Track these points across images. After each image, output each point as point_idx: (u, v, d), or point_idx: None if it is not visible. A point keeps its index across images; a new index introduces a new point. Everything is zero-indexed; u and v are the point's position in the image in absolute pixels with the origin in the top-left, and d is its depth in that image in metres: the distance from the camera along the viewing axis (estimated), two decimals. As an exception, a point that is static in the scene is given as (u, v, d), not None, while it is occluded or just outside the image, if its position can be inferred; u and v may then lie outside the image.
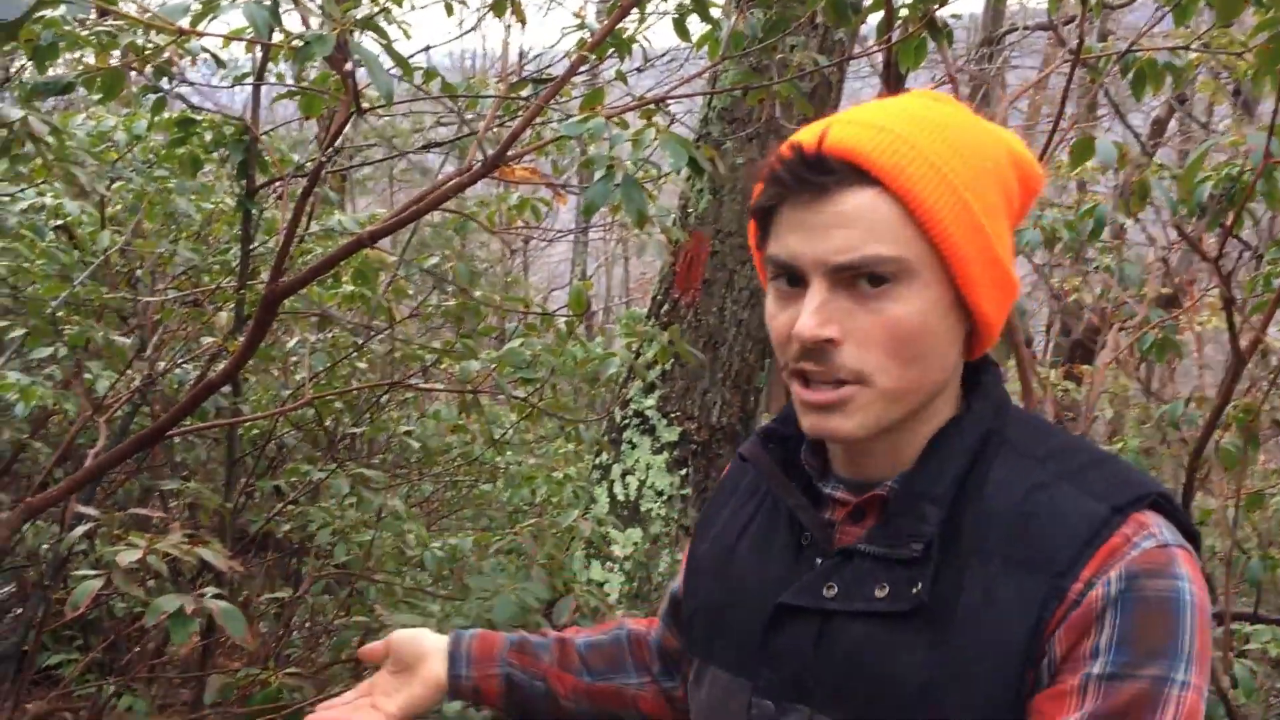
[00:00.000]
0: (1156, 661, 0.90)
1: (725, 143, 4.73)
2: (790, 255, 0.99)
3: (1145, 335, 3.19)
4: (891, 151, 0.97)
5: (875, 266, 0.96)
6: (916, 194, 0.96)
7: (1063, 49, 5.21)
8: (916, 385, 1.00)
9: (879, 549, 1.02)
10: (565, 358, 3.18)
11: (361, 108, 2.22)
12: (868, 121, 0.99)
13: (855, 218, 0.96)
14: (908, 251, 0.97)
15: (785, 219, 1.00)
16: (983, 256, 0.99)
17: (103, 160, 3.52)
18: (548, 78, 2.99)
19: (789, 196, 0.99)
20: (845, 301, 0.98)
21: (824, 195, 0.97)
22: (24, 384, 2.67)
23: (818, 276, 0.98)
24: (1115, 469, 1.01)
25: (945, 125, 1.01)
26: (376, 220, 3.41)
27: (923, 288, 0.98)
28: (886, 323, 0.97)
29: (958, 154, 0.99)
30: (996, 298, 1.02)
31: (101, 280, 3.34)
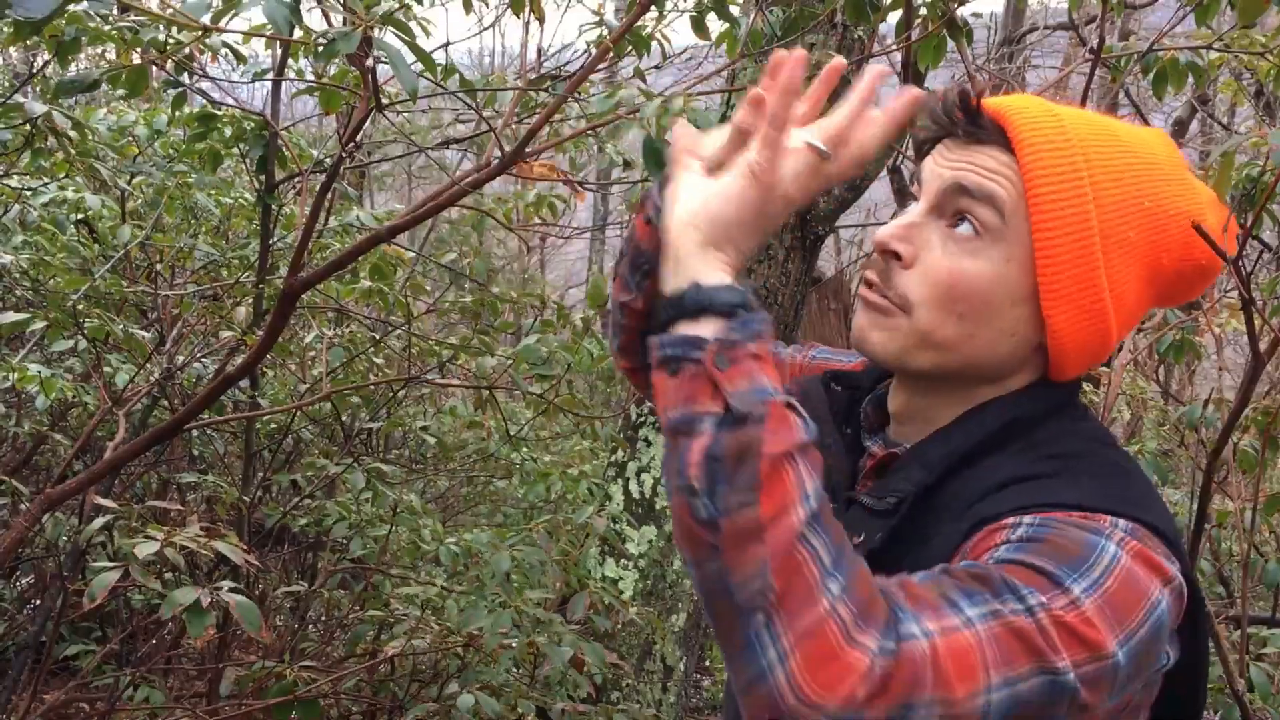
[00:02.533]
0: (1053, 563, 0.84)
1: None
2: (924, 169, 1.05)
3: (1164, 337, 3.17)
4: (1041, 134, 1.00)
5: (980, 202, 0.99)
6: (1037, 177, 0.98)
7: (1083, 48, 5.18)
8: (951, 343, 1.01)
9: (868, 500, 1.04)
10: (581, 354, 3.18)
11: (381, 104, 2.23)
12: (1045, 105, 1.03)
13: (987, 166, 1.01)
14: (1011, 215, 0.99)
15: (937, 150, 1.06)
16: (1079, 274, 0.98)
17: (123, 155, 3.54)
18: (566, 74, 3.00)
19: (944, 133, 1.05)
20: (932, 234, 1.02)
21: (969, 140, 1.02)
22: (45, 376, 2.69)
23: (928, 196, 1.03)
24: (1128, 486, 0.98)
25: (1130, 149, 1.02)
26: (395, 216, 3.42)
27: (1002, 260, 0.99)
28: (951, 268, 1.00)
29: (1116, 176, 1.00)
30: (1079, 323, 1.00)
31: (121, 274, 3.36)
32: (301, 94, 2.80)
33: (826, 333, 6.34)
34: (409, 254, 3.89)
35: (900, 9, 2.70)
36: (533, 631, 2.71)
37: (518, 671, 2.98)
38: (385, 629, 3.13)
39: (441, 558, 3.19)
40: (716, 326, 0.84)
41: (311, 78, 3.17)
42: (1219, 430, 2.36)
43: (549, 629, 2.75)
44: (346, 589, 3.59)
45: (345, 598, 3.48)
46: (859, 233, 9.96)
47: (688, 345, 0.83)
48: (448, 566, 3.25)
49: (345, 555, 3.35)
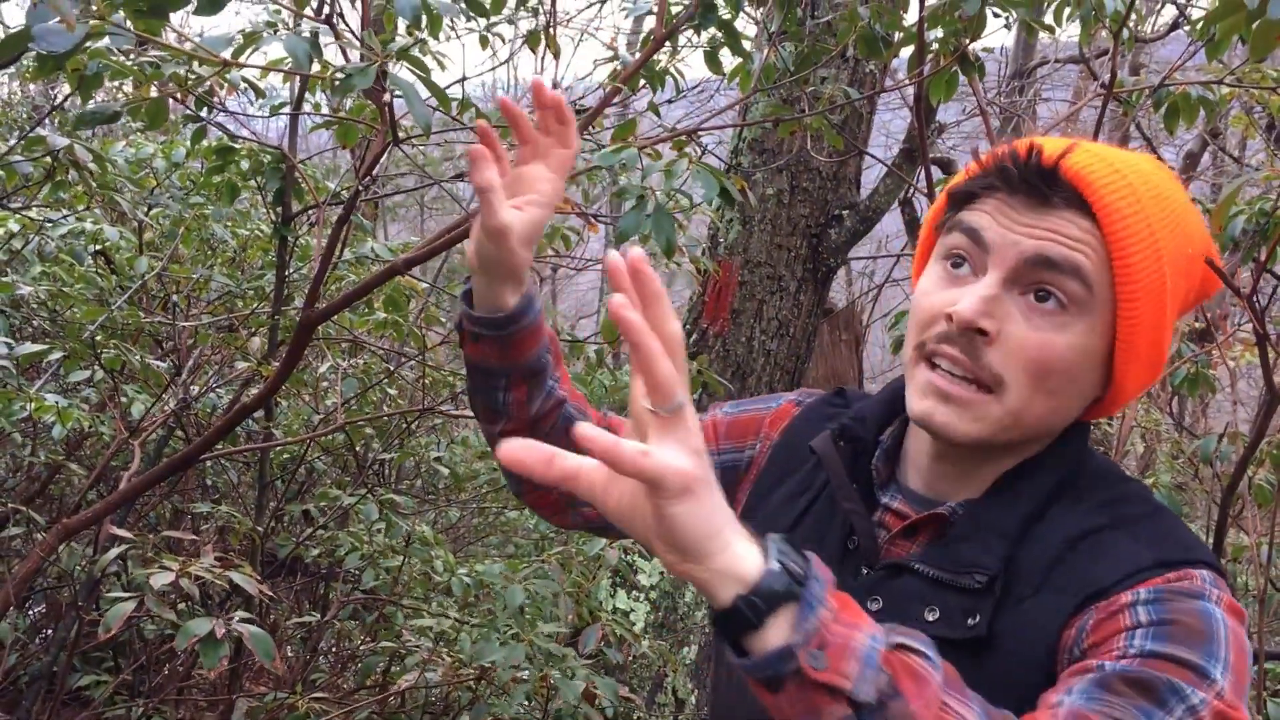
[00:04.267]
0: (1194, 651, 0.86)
1: (755, 174, 4.75)
2: (986, 227, 0.98)
3: (1177, 370, 3.16)
4: (1121, 199, 0.97)
5: (1069, 277, 0.95)
6: (1126, 246, 0.96)
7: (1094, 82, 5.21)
8: (1039, 418, 1.00)
9: (936, 571, 1.00)
10: (595, 387, 3.19)
11: (398, 138, 2.25)
12: (1109, 161, 0.99)
13: (1068, 234, 0.96)
14: (1098, 289, 0.97)
15: (991, 204, 1.00)
16: (1153, 331, 0.99)
17: (142, 187, 3.57)
18: (581, 109, 3.02)
19: (1004, 191, 0.99)
20: (1012, 305, 0.97)
21: (1044, 204, 0.97)
22: (62, 407, 2.71)
23: (1001, 264, 0.97)
24: (1173, 528, 1.00)
25: (1170, 198, 1.01)
26: (410, 248, 3.44)
27: (1088, 330, 0.97)
28: (1042, 344, 0.96)
29: (1173, 233, 1.00)
30: (1142, 375, 1.02)
31: (138, 305, 3.38)
32: (319, 128, 2.82)
33: (838, 363, 6.34)
34: (422, 284, 3.91)
35: (912, 44, 2.72)
36: (545, 665, 2.71)
37: (530, 705, 2.97)
38: (397, 660, 3.13)
39: (454, 589, 3.18)
40: (787, 623, 0.75)
41: (328, 111, 3.21)
42: (1234, 464, 2.36)
43: (561, 663, 2.74)
44: (358, 620, 3.58)
45: (357, 629, 3.48)
46: (870, 264, 9.97)
47: (775, 663, 0.75)
48: (459, 598, 3.24)
49: (357, 586, 3.35)
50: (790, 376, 4.97)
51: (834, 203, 4.86)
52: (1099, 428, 4.10)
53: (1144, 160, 1.04)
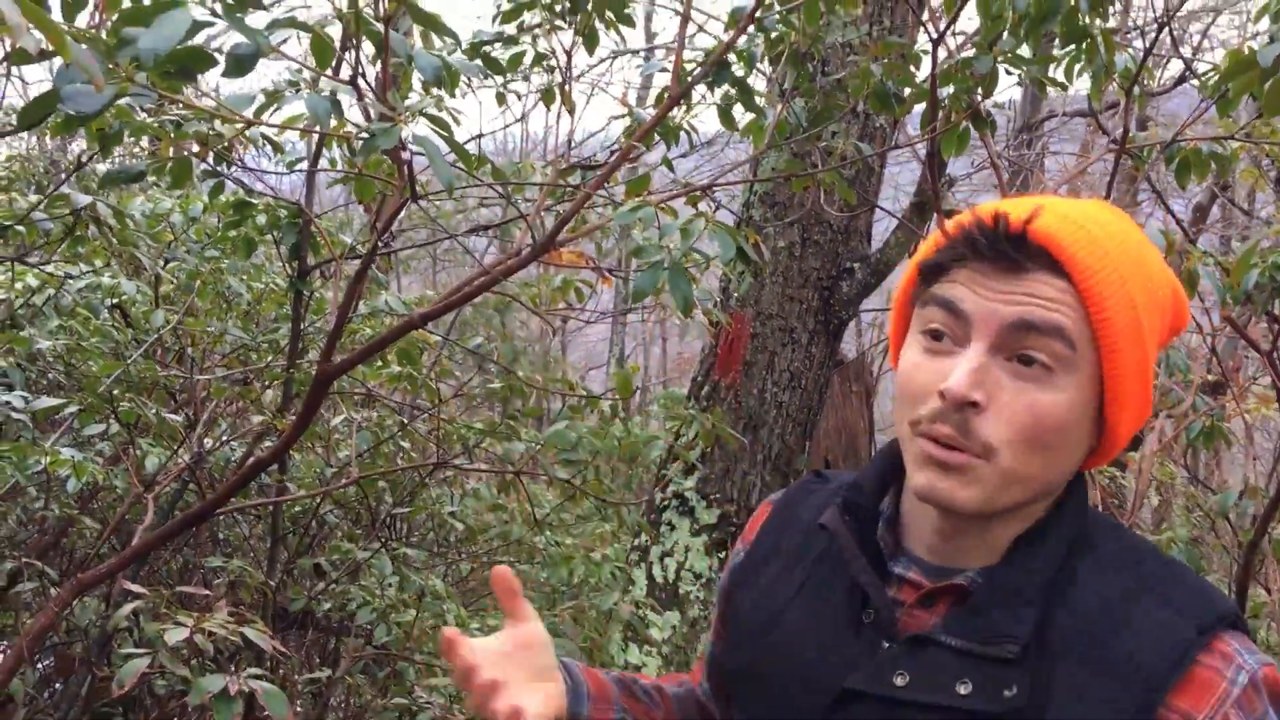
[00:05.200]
0: None
1: (767, 227, 4.78)
2: (963, 299, 0.99)
3: (1192, 424, 3.15)
4: (1090, 254, 0.98)
5: (1051, 339, 0.97)
6: (1101, 299, 0.97)
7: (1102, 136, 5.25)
8: (1036, 477, 1.00)
9: (963, 643, 1.00)
10: (609, 440, 3.19)
11: (416, 194, 2.27)
12: (1073, 218, 1.01)
13: (1044, 296, 0.98)
14: (1079, 344, 0.98)
15: (965, 276, 1.01)
16: (1138, 377, 1.01)
17: (159, 241, 3.60)
18: (595, 164, 3.05)
19: (975, 261, 1.00)
20: (998, 373, 0.98)
21: (1017, 270, 0.98)
22: (77, 460, 2.71)
23: (983, 334, 0.98)
24: (1193, 583, 1.01)
25: (1133, 246, 1.03)
26: (425, 302, 3.46)
27: (1076, 387, 0.98)
28: (1033, 407, 0.97)
29: (1140, 276, 1.01)
30: (1133, 419, 1.03)
31: (153, 358, 3.40)
32: (337, 183, 2.85)
33: (849, 414, 6.33)
34: (435, 337, 3.93)
35: (924, 101, 2.75)
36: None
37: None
38: (409, 717, 3.10)
39: (465, 644, 3.15)
40: None
41: (344, 166, 3.24)
42: (1252, 519, 2.34)
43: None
44: (369, 675, 3.56)
45: (368, 684, 3.45)
46: (881, 316, 9.99)
47: None
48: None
49: (369, 641, 3.33)
50: (802, 429, 4.97)
51: (845, 256, 4.88)
52: (1113, 480, 4.08)
53: (1101, 209, 1.06)
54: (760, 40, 3.02)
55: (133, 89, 1.66)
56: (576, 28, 2.94)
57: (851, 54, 4.45)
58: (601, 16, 2.89)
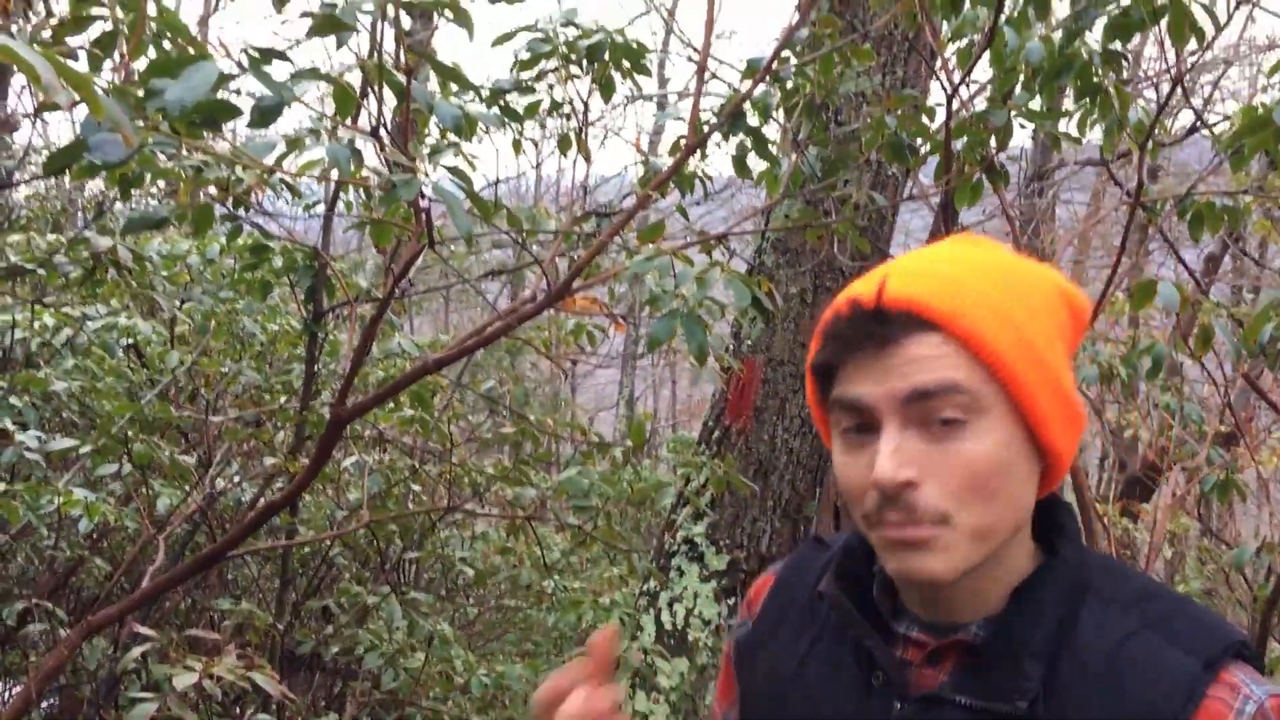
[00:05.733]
0: None
1: (779, 272, 4.79)
2: (860, 396, 0.99)
3: (1206, 477, 3.14)
4: (949, 296, 0.98)
5: (950, 395, 0.96)
6: (979, 335, 0.97)
7: (1112, 185, 5.28)
8: (999, 523, 1.00)
9: (973, 699, 1.00)
10: (620, 487, 3.18)
11: (433, 241, 2.28)
12: (921, 271, 1.01)
13: (923, 358, 0.97)
14: (978, 387, 0.97)
15: (851, 369, 1.01)
16: (1050, 391, 1.00)
17: (175, 282, 3.62)
18: (610, 211, 3.07)
19: (852, 350, 1.00)
20: (919, 443, 0.98)
21: (889, 344, 0.98)
22: (89, 501, 2.72)
23: (890, 416, 0.98)
24: (1196, 616, 1.01)
25: (994, 267, 1.03)
26: (439, 346, 3.47)
27: (994, 425, 0.98)
28: (964, 461, 0.97)
29: (1011, 293, 1.01)
30: (1066, 432, 1.03)
31: (167, 398, 3.41)
32: (354, 228, 2.87)
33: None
34: (446, 379, 3.93)
35: (938, 153, 2.76)
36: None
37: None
38: (415, 763, 3.08)
39: (473, 689, 3.14)
40: None
41: (360, 209, 3.26)
42: (1268, 573, 2.32)
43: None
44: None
45: (374, 729, 3.43)
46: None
47: None
48: (479, 698, 3.20)
49: (376, 686, 3.31)
50: (812, 475, 4.95)
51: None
52: (1126, 532, 4.06)
53: (953, 246, 1.07)
54: (775, 90, 3.05)
55: (157, 137, 1.69)
56: (593, 76, 2.97)
57: (864, 103, 4.48)
58: (618, 66, 2.92)
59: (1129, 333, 4.03)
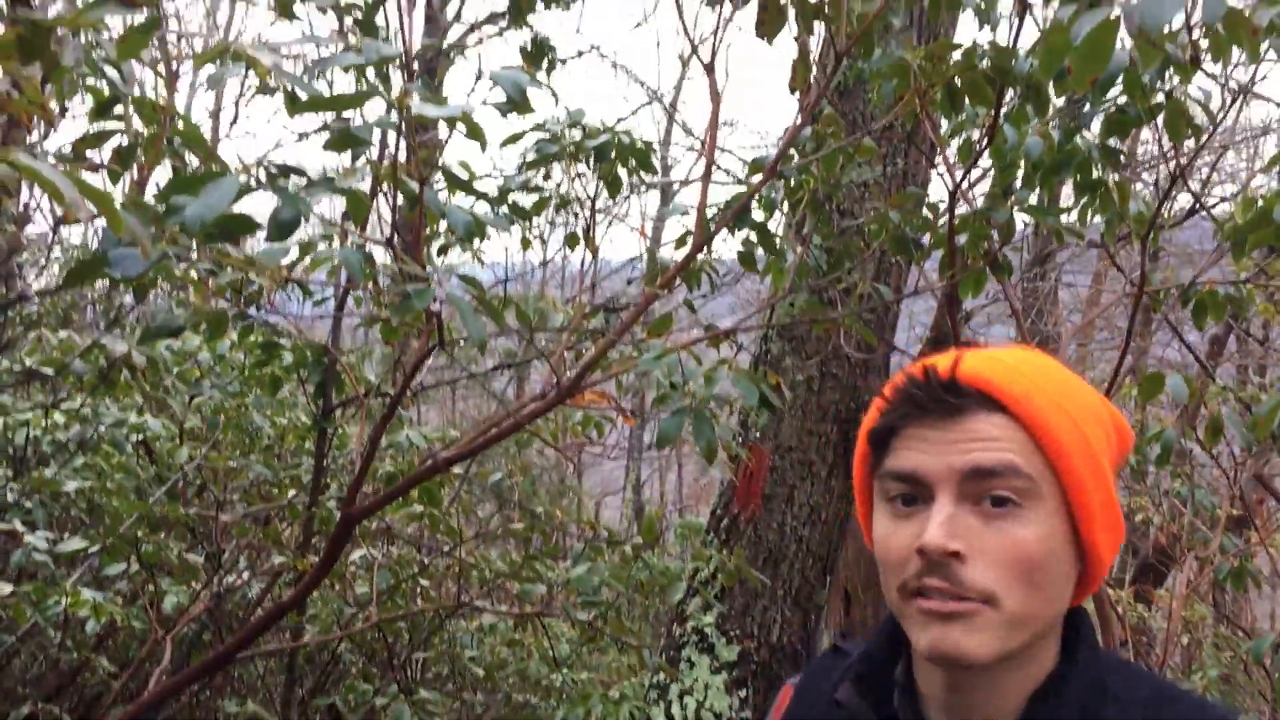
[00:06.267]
0: None
1: (785, 360, 4.80)
2: (917, 466, 1.01)
3: (1221, 565, 3.12)
4: (1017, 383, 1.01)
5: (1008, 477, 0.98)
6: (1043, 421, 1.00)
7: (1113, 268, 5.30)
8: (1039, 613, 1.00)
9: None
10: (628, 583, 3.16)
11: (444, 341, 2.30)
12: (993, 357, 1.05)
13: (987, 435, 0.99)
14: (1035, 473, 0.99)
15: (910, 437, 1.02)
16: (1100, 492, 1.02)
17: (186, 379, 3.64)
18: (618, 306, 3.10)
19: (917, 416, 1.02)
20: (971, 519, 0.99)
21: (955, 416, 1.00)
22: (97, 601, 2.70)
23: (945, 488, 0.99)
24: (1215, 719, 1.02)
25: (1055, 370, 1.07)
26: (447, 438, 3.48)
27: (1047, 515, 0.99)
28: (1014, 544, 0.98)
29: (1070, 395, 1.04)
30: (1109, 538, 1.04)
31: (176, 496, 3.41)
32: (365, 325, 2.90)
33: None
34: (455, 470, 3.93)
35: (942, 247, 2.79)
36: None
37: None
38: None
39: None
40: None
41: (370, 301, 3.29)
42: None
43: None
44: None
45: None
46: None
47: None
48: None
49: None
50: (823, 564, 4.91)
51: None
52: (1141, 620, 4.02)
53: (1020, 350, 1.10)
54: (780, 186, 3.10)
55: (176, 251, 1.71)
56: (599, 173, 3.02)
57: (866, 192, 4.54)
58: (624, 164, 2.97)
59: (1137, 416, 4.03)
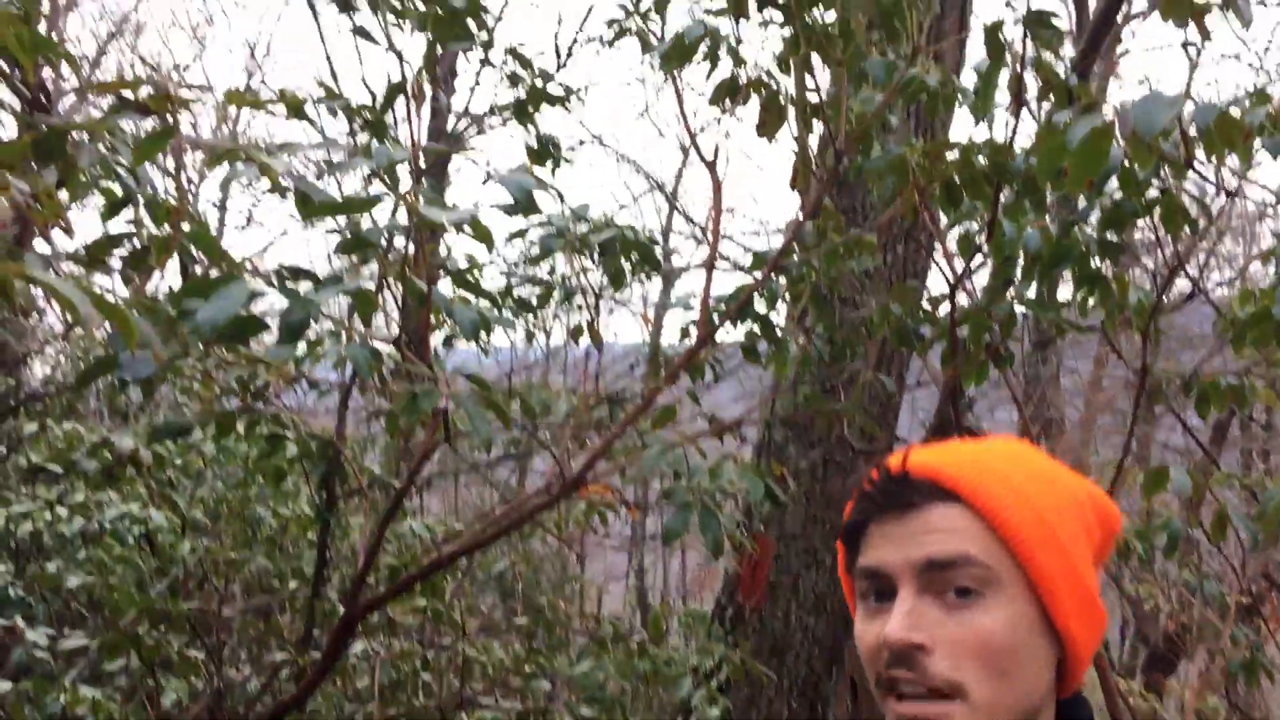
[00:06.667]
0: None
1: (788, 447, 4.80)
2: (878, 562, 1.01)
3: (1232, 660, 3.09)
4: (971, 471, 1.01)
5: (965, 567, 0.98)
6: (997, 509, 0.99)
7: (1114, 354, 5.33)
8: (1012, 703, 0.99)
9: None
10: (631, 678, 3.13)
11: (450, 436, 2.31)
12: (950, 449, 1.05)
13: (942, 526, 1.00)
14: (994, 561, 0.99)
15: (874, 534, 1.03)
16: (1068, 577, 1.01)
17: (189, 470, 3.64)
18: (621, 398, 3.11)
19: (876, 514, 1.03)
20: (934, 611, 0.99)
21: (911, 510, 1.01)
22: (97, 698, 2.67)
23: (906, 581, 0.99)
24: None
25: (1025, 459, 1.06)
26: (451, 532, 3.47)
27: (1009, 601, 0.99)
28: (977, 633, 0.97)
29: (1036, 481, 1.04)
30: (1085, 623, 1.03)
31: (177, 589, 3.39)
32: (372, 418, 2.91)
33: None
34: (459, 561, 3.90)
35: (944, 339, 2.82)
36: None
37: None
38: None
39: None
40: None
41: (375, 392, 3.30)
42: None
43: None
44: None
45: None
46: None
47: None
48: None
49: None
50: (829, 653, 4.85)
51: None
52: (1155, 713, 3.96)
53: (988, 440, 1.11)
54: (782, 279, 3.13)
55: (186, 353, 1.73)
56: (604, 266, 3.06)
57: (867, 278, 4.58)
58: (628, 258, 3.00)
59: (1143, 504, 4.01)
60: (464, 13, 2.54)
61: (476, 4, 2.51)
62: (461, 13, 2.53)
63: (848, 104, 2.68)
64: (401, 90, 2.52)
